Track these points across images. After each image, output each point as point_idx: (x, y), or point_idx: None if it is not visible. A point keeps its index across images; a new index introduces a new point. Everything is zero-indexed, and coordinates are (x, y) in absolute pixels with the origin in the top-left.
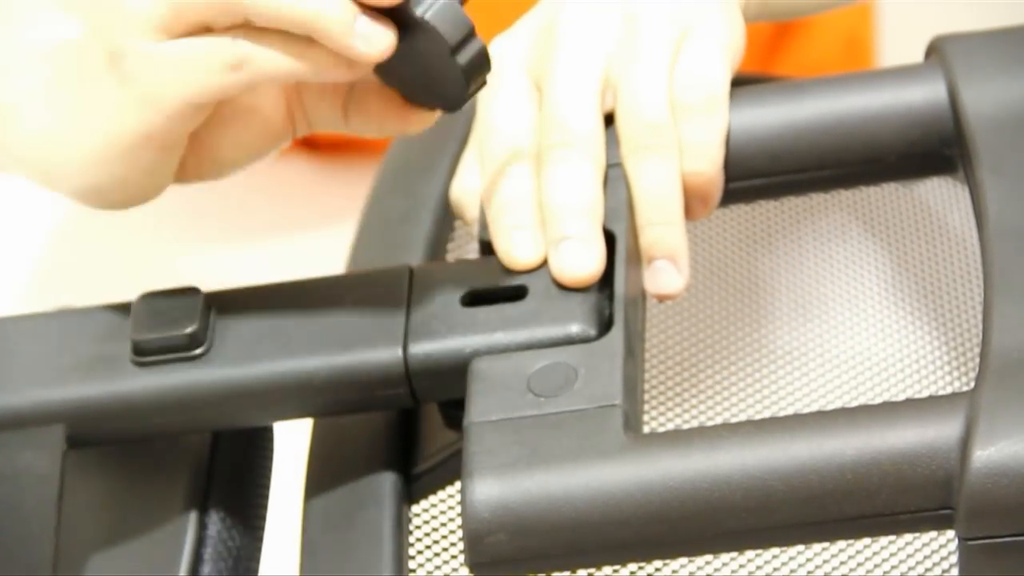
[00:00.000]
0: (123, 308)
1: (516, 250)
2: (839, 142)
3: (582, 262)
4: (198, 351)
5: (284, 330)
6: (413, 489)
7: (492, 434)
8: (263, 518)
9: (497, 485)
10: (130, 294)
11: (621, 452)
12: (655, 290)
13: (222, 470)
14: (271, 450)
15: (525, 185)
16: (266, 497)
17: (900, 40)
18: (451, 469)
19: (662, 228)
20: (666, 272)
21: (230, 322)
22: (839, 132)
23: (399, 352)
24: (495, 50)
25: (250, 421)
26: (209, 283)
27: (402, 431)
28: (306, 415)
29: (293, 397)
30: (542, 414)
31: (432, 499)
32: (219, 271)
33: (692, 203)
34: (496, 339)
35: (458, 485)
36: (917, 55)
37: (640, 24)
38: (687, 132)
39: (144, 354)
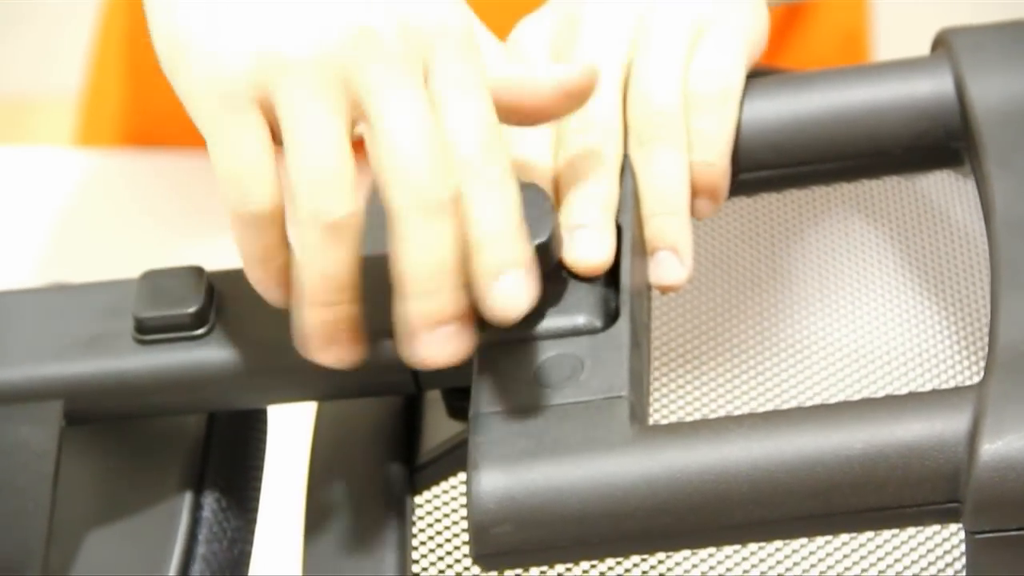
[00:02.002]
0: (125, 285)
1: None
2: (844, 135)
3: (596, 251)
4: (201, 331)
5: (288, 312)
6: (417, 480)
7: (498, 425)
8: (257, 500)
9: (503, 476)
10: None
11: (627, 444)
12: (657, 281)
13: (217, 452)
14: (265, 432)
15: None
16: (260, 479)
17: (896, 34)
18: (455, 460)
19: (666, 218)
20: (668, 263)
21: (233, 302)
22: (844, 125)
23: None
24: (519, 33)
25: (251, 403)
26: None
27: (406, 421)
28: (308, 398)
29: (295, 380)
30: (548, 405)
31: (436, 490)
32: (222, 261)
33: (700, 197)
34: (502, 330)
35: (462, 476)
36: (913, 49)
37: (658, 16)
38: (698, 123)
39: (146, 332)
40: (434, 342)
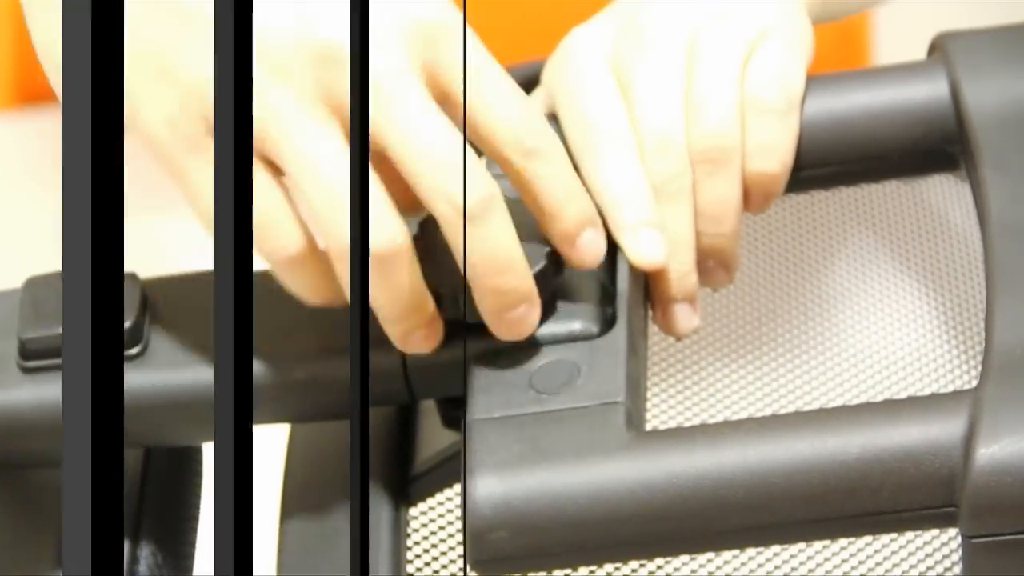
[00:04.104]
0: (3, 298)
1: (646, 247)
2: (842, 139)
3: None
4: (132, 351)
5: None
6: (411, 491)
7: (494, 431)
8: (193, 545)
9: (499, 482)
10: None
11: (624, 449)
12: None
13: (153, 498)
14: (200, 474)
15: (643, 181)
16: (196, 522)
17: (896, 35)
18: (449, 471)
19: (714, 239)
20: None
21: (174, 315)
22: (842, 129)
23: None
24: (575, 42)
25: (198, 436)
26: (188, 256)
27: (400, 433)
28: (275, 422)
29: (262, 402)
30: (544, 411)
31: (430, 501)
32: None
33: (754, 198)
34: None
35: (456, 487)
36: (913, 49)
37: (713, 27)
38: (761, 132)
39: (31, 357)
40: None
